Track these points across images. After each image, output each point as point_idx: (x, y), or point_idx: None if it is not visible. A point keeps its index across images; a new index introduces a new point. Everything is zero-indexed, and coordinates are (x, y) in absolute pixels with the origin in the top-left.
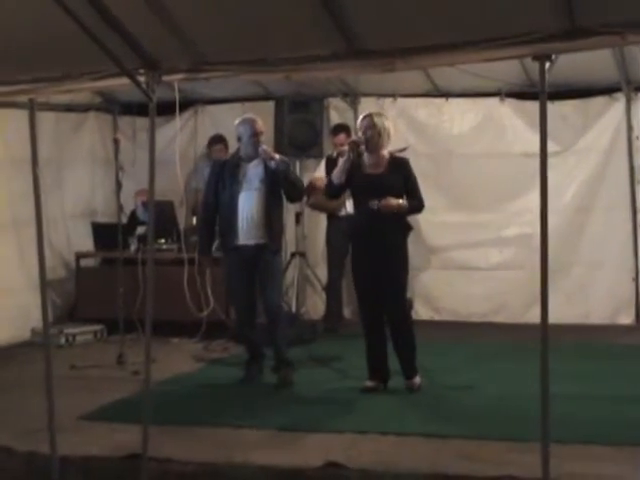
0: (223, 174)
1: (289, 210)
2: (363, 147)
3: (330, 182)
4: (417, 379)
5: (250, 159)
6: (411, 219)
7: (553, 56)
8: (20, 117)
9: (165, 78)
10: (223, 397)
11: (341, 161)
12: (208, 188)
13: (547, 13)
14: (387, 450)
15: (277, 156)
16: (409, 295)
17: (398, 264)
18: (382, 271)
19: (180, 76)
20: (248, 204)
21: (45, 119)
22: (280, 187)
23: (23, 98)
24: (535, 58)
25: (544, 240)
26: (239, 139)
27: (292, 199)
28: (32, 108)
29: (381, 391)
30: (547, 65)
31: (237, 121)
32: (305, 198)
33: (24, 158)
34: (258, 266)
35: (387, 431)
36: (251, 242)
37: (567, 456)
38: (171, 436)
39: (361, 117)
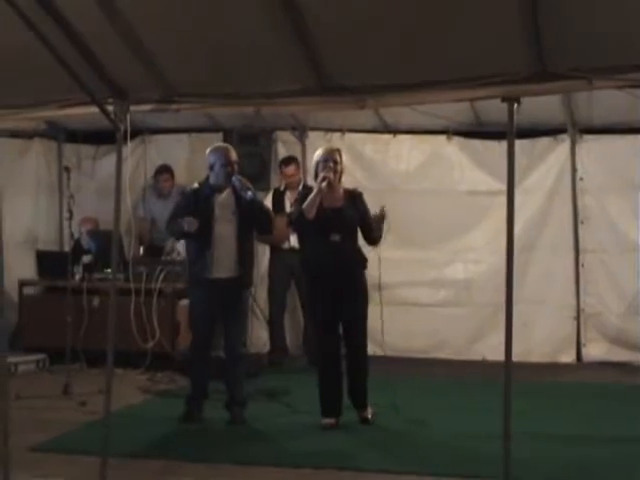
0: (196, 204)
1: None
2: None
3: (301, 215)
4: (369, 411)
5: (221, 189)
6: None
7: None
8: None
9: (134, 108)
10: (175, 430)
11: (311, 195)
12: (175, 214)
13: (517, 56)
14: None
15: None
16: None
17: (361, 295)
18: (345, 303)
19: (149, 107)
20: (220, 236)
21: None
22: (252, 219)
23: None
24: (504, 99)
25: (509, 275)
26: (211, 168)
27: (263, 231)
28: None
29: (336, 426)
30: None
31: (208, 149)
32: None
33: None
34: (227, 301)
35: (344, 466)
36: (223, 275)
37: None
38: (125, 469)
39: (325, 150)
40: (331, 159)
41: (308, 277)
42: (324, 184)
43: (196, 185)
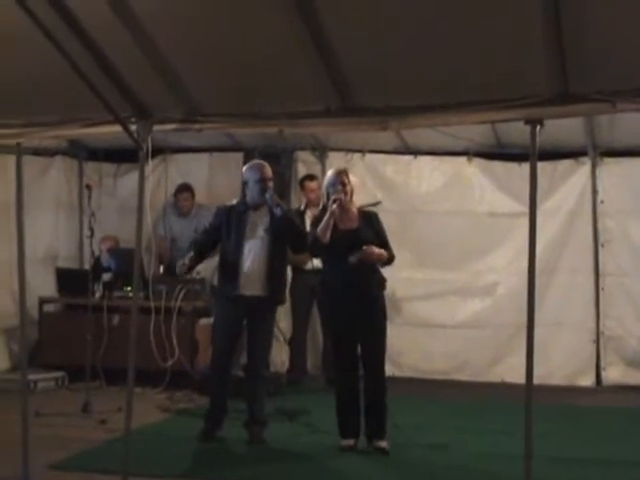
0: (229, 220)
1: None
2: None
3: (317, 240)
4: (386, 442)
5: (256, 206)
6: None
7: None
8: None
9: (157, 128)
10: (194, 449)
11: (325, 219)
12: (207, 229)
13: (541, 78)
14: None
15: (284, 205)
16: None
17: (379, 317)
18: (363, 325)
19: (172, 126)
20: (251, 253)
21: (11, 162)
22: (285, 237)
23: (11, 142)
24: (527, 122)
25: (531, 297)
26: (245, 184)
27: (297, 250)
28: (19, 152)
29: (355, 448)
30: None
31: (245, 166)
32: None
33: None
34: (251, 321)
35: None
36: (250, 293)
37: None
38: None
39: (334, 173)
40: (339, 182)
41: (326, 298)
42: (334, 206)
43: (234, 202)
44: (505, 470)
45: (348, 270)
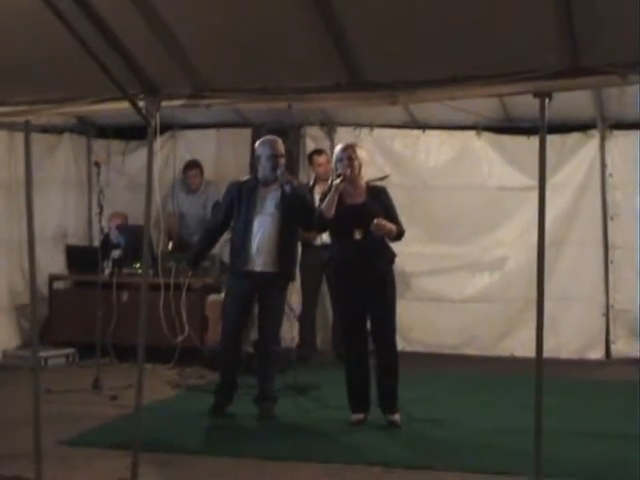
0: (240, 196)
1: None
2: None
3: (322, 216)
4: (398, 415)
5: (268, 182)
6: None
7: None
8: None
9: (165, 104)
10: (205, 425)
11: (329, 194)
12: (220, 207)
13: (550, 50)
14: None
15: (295, 180)
16: None
17: (389, 292)
18: (372, 300)
19: (180, 102)
20: (261, 229)
21: (19, 140)
22: (295, 214)
23: (19, 119)
24: (536, 95)
25: (540, 271)
26: (257, 159)
27: (308, 227)
28: (28, 129)
29: (365, 422)
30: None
31: (257, 142)
32: None
33: None
34: (262, 297)
35: (374, 462)
36: (259, 269)
37: None
38: (155, 464)
39: (341, 148)
40: (346, 156)
41: (335, 274)
42: (338, 181)
43: (246, 177)
44: (515, 444)
45: (356, 245)
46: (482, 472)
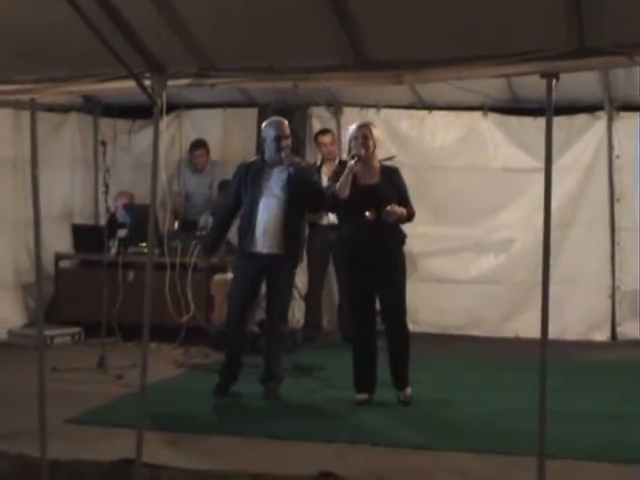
0: (246, 177)
1: None
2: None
3: (335, 196)
4: (409, 390)
5: (274, 163)
6: None
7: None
8: (2, 117)
9: (171, 83)
10: (209, 404)
11: (343, 174)
12: (229, 190)
13: (558, 31)
14: (378, 461)
15: (301, 161)
16: None
17: (399, 272)
18: (383, 281)
19: (186, 81)
20: (267, 211)
21: (26, 118)
22: (302, 196)
23: (25, 97)
24: (543, 76)
25: (546, 252)
26: (264, 141)
27: (313, 208)
28: (33, 108)
29: (370, 402)
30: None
31: (264, 123)
32: None
33: (1, 158)
34: (269, 278)
35: (377, 442)
36: (266, 251)
37: (561, 472)
38: (160, 442)
39: (356, 126)
40: (361, 135)
41: (344, 254)
42: (353, 162)
43: (253, 158)
44: (519, 425)
45: (367, 226)
46: (487, 452)
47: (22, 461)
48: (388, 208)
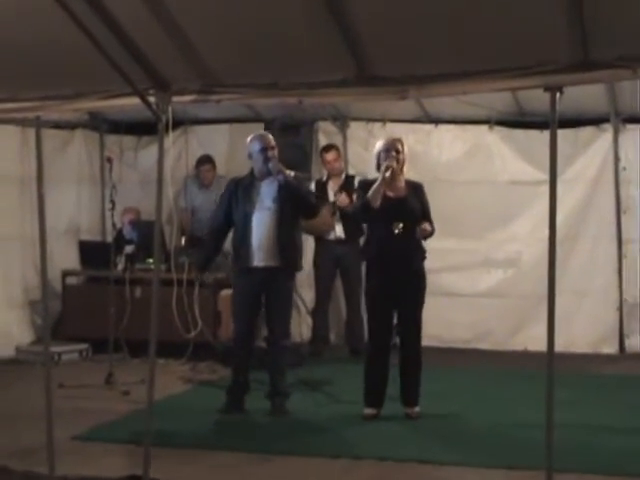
0: (237, 192)
1: None
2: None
3: (367, 204)
4: (418, 408)
5: (263, 176)
6: None
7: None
8: (10, 134)
9: (175, 99)
10: (216, 420)
11: (375, 184)
12: (220, 206)
13: (561, 44)
14: (386, 476)
15: (289, 172)
16: None
17: (422, 288)
18: (404, 295)
19: (191, 97)
20: (260, 225)
21: (32, 136)
22: (293, 205)
23: (31, 115)
24: (547, 89)
25: (552, 265)
26: (250, 156)
27: (305, 216)
28: (38, 125)
29: (377, 417)
30: (557, 96)
31: (248, 140)
32: None
33: (8, 175)
34: (268, 292)
35: (385, 457)
36: (262, 264)
37: None
38: (168, 459)
39: (389, 139)
40: (393, 148)
41: (368, 265)
42: (387, 173)
43: (243, 174)
44: (528, 439)
45: (394, 238)
46: (496, 467)
47: (30, 478)
48: (422, 226)
